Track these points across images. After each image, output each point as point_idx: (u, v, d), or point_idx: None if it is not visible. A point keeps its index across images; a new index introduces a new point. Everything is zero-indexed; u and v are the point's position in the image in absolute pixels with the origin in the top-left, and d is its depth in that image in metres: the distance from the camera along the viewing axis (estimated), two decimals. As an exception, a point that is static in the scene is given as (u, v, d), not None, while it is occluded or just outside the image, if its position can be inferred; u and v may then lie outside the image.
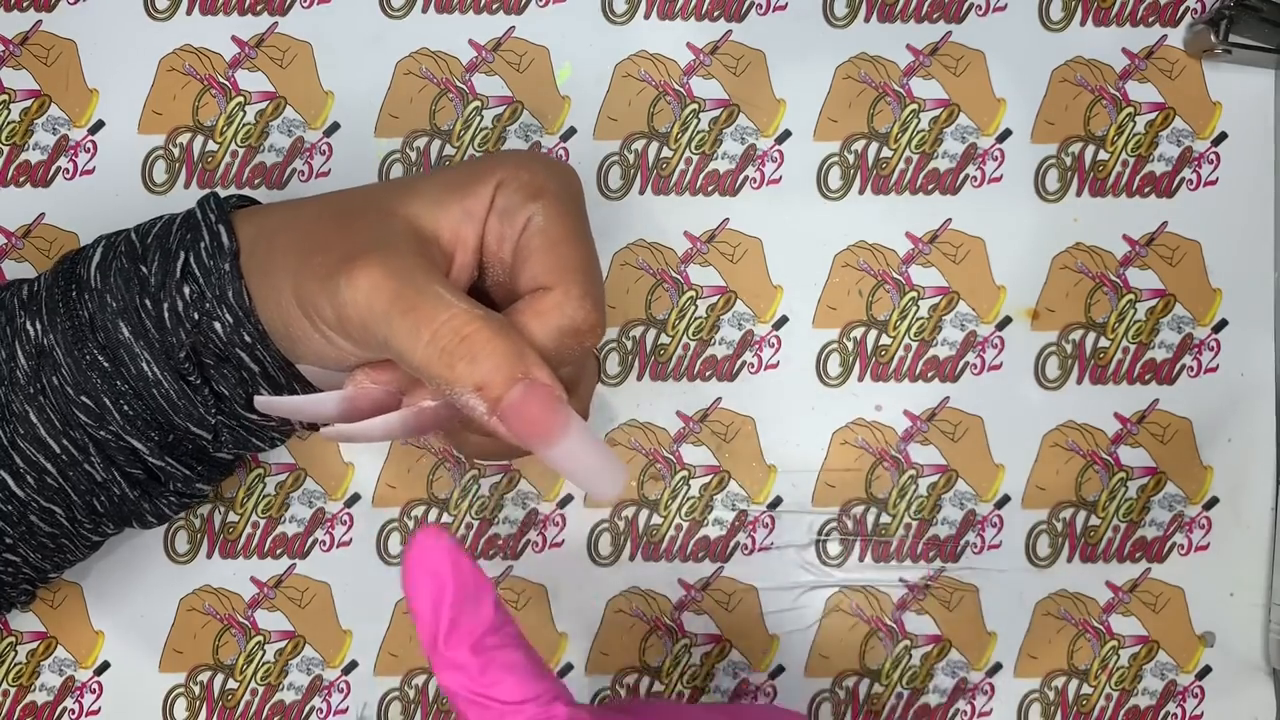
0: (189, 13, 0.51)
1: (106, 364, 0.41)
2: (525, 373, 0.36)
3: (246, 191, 0.51)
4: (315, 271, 0.38)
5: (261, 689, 0.51)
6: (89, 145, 0.51)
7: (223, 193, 0.51)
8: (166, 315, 0.40)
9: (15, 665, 0.50)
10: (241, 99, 0.51)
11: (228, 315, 0.40)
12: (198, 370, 0.41)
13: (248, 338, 0.41)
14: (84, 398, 0.41)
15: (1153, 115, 0.52)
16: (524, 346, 0.37)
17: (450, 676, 0.37)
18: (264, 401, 0.41)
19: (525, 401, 0.36)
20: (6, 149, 0.50)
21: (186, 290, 0.40)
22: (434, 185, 0.40)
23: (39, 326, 0.42)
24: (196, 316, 0.40)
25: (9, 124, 0.50)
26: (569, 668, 0.51)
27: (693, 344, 0.52)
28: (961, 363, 0.52)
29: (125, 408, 0.42)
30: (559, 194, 0.40)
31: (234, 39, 0.51)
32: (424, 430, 0.40)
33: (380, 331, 0.36)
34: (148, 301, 0.41)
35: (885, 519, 0.52)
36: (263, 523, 0.51)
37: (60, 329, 0.41)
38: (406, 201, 0.39)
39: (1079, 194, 0.52)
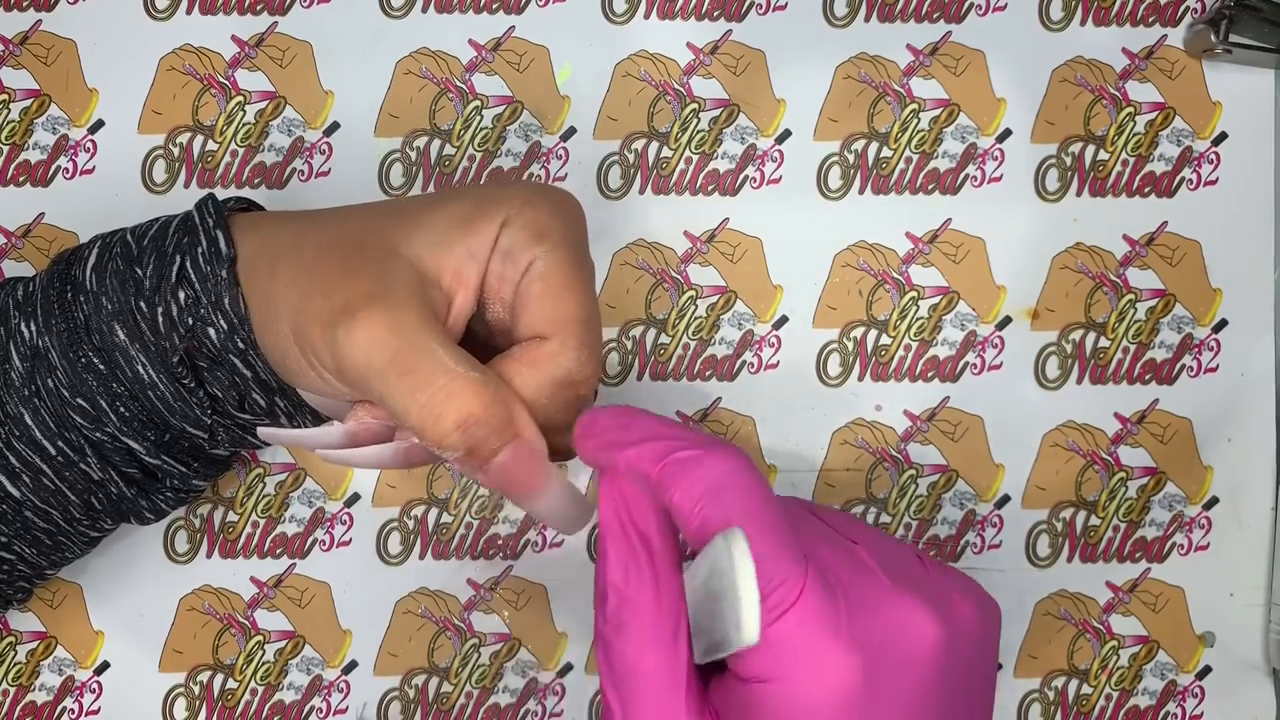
0: (189, 12, 0.51)
1: (102, 366, 0.41)
2: (514, 434, 0.37)
3: (246, 192, 0.51)
4: (315, 316, 0.38)
5: (261, 689, 0.51)
6: (89, 145, 0.51)
7: (221, 194, 0.51)
8: (161, 319, 0.40)
9: (15, 665, 0.50)
10: (241, 99, 0.51)
11: (222, 321, 0.40)
12: (192, 373, 0.41)
13: (241, 344, 0.40)
14: (80, 400, 0.41)
15: (1153, 115, 0.52)
16: (514, 407, 0.37)
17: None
18: (268, 434, 0.42)
19: (510, 462, 0.37)
20: (6, 149, 0.50)
21: (181, 295, 0.40)
22: (439, 221, 0.39)
23: (34, 328, 0.41)
24: (191, 321, 0.40)
25: (9, 124, 0.50)
26: (569, 667, 0.51)
27: (693, 344, 0.52)
28: (961, 363, 0.52)
29: (121, 409, 0.41)
30: (563, 237, 0.39)
31: (234, 39, 0.51)
32: (413, 464, 0.41)
33: (376, 388, 0.37)
34: (143, 304, 0.41)
35: (885, 519, 0.52)
36: (262, 522, 0.51)
37: (55, 331, 0.41)
38: (410, 238, 0.39)
39: (1079, 194, 0.52)
